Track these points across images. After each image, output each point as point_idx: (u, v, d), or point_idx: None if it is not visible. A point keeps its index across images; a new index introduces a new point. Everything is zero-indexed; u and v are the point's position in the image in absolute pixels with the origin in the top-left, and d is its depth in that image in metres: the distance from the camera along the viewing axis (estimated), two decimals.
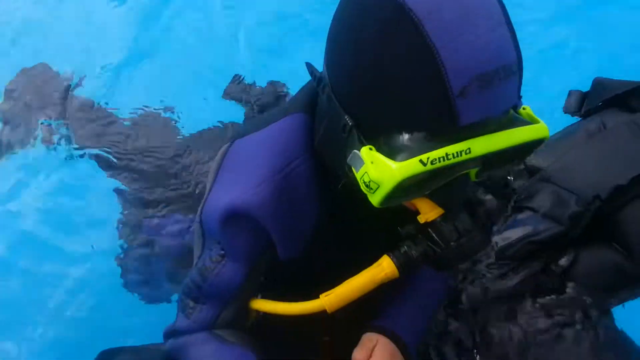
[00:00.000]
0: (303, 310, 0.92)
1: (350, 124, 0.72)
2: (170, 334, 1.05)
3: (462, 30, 0.64)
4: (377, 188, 0.70)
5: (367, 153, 0.70)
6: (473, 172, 0.74)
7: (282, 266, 0.98)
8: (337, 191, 0.85)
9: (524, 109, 0.75)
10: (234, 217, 0.88)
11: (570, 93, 1.41)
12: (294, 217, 0.90)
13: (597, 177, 1.19)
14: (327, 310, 0.89)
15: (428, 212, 0.81)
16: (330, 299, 0.88)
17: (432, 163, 0.66)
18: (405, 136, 0.69)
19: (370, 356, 0.98)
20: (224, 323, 1.00)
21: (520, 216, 1.25)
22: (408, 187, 0.73)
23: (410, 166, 0.67)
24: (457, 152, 0.66)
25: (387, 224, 0.86)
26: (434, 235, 0.82)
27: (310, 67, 0.83)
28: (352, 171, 0.74)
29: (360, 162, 0.71)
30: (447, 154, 0.66)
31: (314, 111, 0.88)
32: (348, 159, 0.74)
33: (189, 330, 1.01)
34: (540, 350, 1.14)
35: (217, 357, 0.97)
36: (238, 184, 0.88)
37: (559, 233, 1.17)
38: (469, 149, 0.67)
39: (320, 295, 0.89)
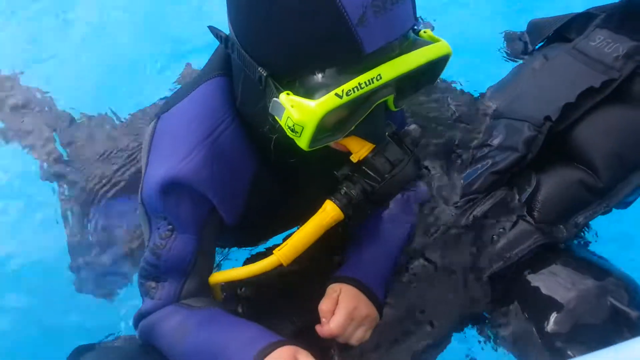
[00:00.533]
0: (261, 269, 0.92)
1: (264, 74, 0.74)
2: (139, 318, 1.02)
3: None
4: (302, 130, 0.72)
5: (286, 98, 0.72)
6: (390, 100, 0.78)
7: (230, 228, 0.98)
8: (267, 145, 0.86)
9: (425, 32, 0.80)
10: (171, 187, 0.89)
11: (508, 35, 1.45)
12: (229, 178, 0.91)
13: (546, 101, 1.20)
14: (283, 264, 0.89)
15: (359, 150, 0.85)
16: (283, 252, 0.89)
17: (347, 94, 0.69)
18: (318, 75, 0.72)
19: (337, 304, 0.97)
20: (189, 294, 0.99)
21: (479, 154, 1.25)
22: (332, 125, 0.77)
23: (328, 101, 0.69)
24: (369, 80, 0.69)
25: (323, 169, 0.89)
26: (368, 171, 0.86)
27: (214, 29, 0.85)
28: (276, 120, 0.77)
29: (281, 108, 0.73)
30: (359, 84, 0.69)
31: (231, 72, 0.90)
32: (270, 109, 0.76)
33: (156, 308, 0.99)
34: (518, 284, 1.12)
35: (184, 325, 0.94)
36: (170, 156, 0.90)
37: (516, 159, 1.16)
38: (379, 75, 0.70)
39: (274, 251, 0.90)
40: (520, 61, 1.43)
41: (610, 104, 1.17)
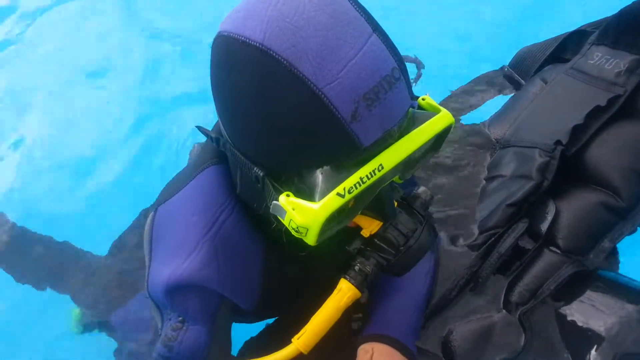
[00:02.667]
0: (280, 359, 0.87)
1: (261, 174, 0.72)
2: None
3: (332, 56, 0.64)
4: (307, 231, 0.69)
5: (286, 201, 0.69)
6: (396, 178, 0.76)
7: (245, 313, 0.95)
8: (274, 229, 0.82)
9: (423, 99, 0.77)
10: (177, 290, 0.86)
11: (487, 77, 1.46)
12: (238, 267, 0.88)
13: (553, 125, 1.17)
14: (303, 352, 0.84)
15: (369, 225, 0.82)
16: (303, 341, 0.84)
17: (349, 192, 0.66)
18: (317, 173, 0.69)
19: None
20: None
21: (491, 186, 1.21)
22: (338, 217, 0.74)
23: (330, 202, 0.66)
24: (370, 173, 0.67)
25: (336, 244, 0.84)
26: (382, 244, 0.83)
27: (202, 130, 0.84)
28: (278, 219, 0.73)
29: (283, 211, 0.70)
30: (361, 178, 0.67)
31: (226, 159, 0.86)
32: (271, 210, 0.73)
33: None
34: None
35: None
36: (172, 255, 0.86)
37: (532, 188, 1.12)
38: (381, 165, 0.67)
39: (292, 339, 0.85)
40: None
41: (619, 120, 1.14)
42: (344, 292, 0.84)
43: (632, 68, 1.15)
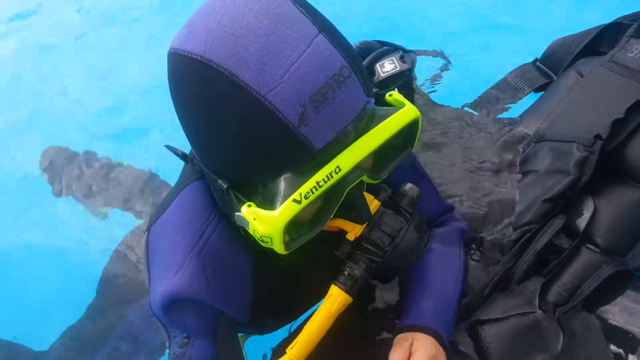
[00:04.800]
0: None
1: (225, 186, 0.72)
2: None
3: (274, 61, 0.63)
4: (271, 240, 0.69)
5: (247, 211, 0.69)
6: (365, 179, 0.74)
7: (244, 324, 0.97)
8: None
9: (390, 95, 0.76)
10: (171, 304, 0.85)
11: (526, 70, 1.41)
12: (228, 279, 0.88)
13: (592, 120, 1.13)
14: None
15: (353, 228, 0.81)
16: (296, 350, 0.83)
17: (305, 197, 0.65)
18: (279, 181, 0.68)
19: (410, 354, 0.88)
20: None
21: (525, 181, 1.17)
22: (307, 221, 0.74)
23: (287, 209, 0.66)
24: (327, 176, 0.66)
25: (326, 251, 0.84)
26: (369, 247, 0.82)
27: (171, 148, 0.85)
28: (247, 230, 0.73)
29: (245, 221, 0.70)
30: (317, 182, 0.65)
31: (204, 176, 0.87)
32: (236, 221, 0.73)
33: None
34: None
35: None
36: (164, 271, 0.87)
37: (570, 183, 1.08)
38: (338, 167, 0.66)
39: (287, 350, 0.84)
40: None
41: None
42: (335, 298, 0.83)
43: None
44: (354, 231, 0.81)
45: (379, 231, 0.81)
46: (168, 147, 0.86)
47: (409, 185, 0.85)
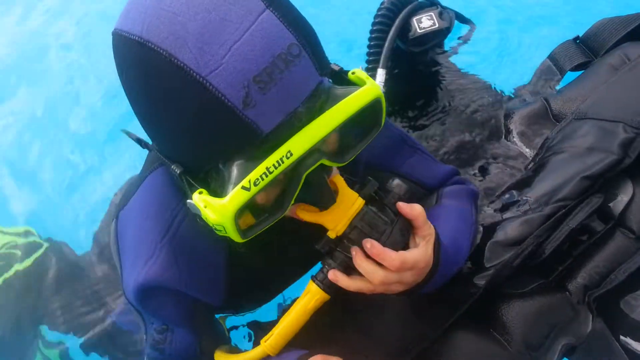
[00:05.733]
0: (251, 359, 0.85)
1: (177, 171, 0.69)
2: None
3: (215, 39, 0.59)
4: (224, 229, 0.66)
5: (199, 198, 0.66)
6: (326, 162, 0.69)
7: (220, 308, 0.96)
8: None
9: (353, 72, 0.72)
10: (145, 294, 0.84)
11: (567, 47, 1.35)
12: (201, 266, 0.86)
13: None
14: (271, 354, 0.83)
15: (334, 226, 0.76)
16: (270, 343, 0.82)
17: (255, 184, 0.62)
18: (226, 167, 0.65)
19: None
20: None
21: (559, 157, 1.10)
22: (263, 211, 0.70)
23: (236, 197, 0.63)
24: (277, 162, 0.62)
25: (301, 234, 0.80)
26: (347, 245, 0.77)
27: (127, 132, 0.83)
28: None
29: (197, 209, 0.66)
30: (267, 168, 0.62)
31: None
32: (190, 209, 0.69)
33: None
34: None
35: None
36: (135, 260, 0.85)
37: (612, 163, 1.02)
38: (289, 152, 0.63)
39: (261, 341, 0.83)
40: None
41: None
42: (312, 295, 0.80)
43: None
44: (335, 229, 0.76)
45: (360, 232, 0.75)
46: (124, 131, 0.83)
47: (396, 182, 0.79)
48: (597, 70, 1.22)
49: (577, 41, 1.37)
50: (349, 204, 0.76)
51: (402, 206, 0.77)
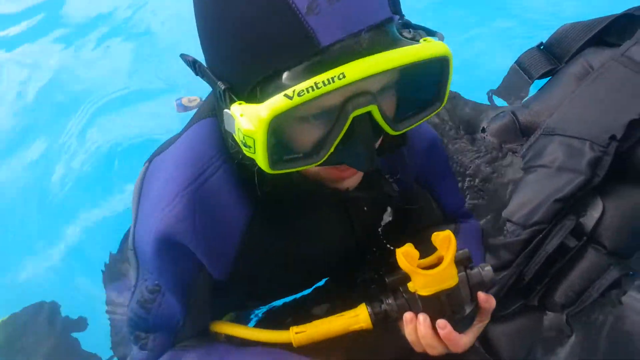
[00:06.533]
0: (268, 339, 0.88)
1: (223, 87, 0.67)
2: None
3: None
4: (254, 143, 0.62)
5: (237, 107, 0.64)
6: (377, 115, 0.65)
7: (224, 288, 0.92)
8: (264, 193, 0.78)
9: (424, 40, 0.66)
10: (162, 243, 0.81)
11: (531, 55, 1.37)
12: (216, 229, 0.82)
13: (605, 117, 1.11)
14: (294, 346, 0.85)
15: (421, 286, 0.77)
16: (299, 338, 0.84)
17: (299, 95, 0.59)
18: (276, 81, 0.62)
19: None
20: (182, 339, 0.92)
21: (532, 176, 1.15)
22: (298, 147, 0.67)
23: (275, 102, 0.59)
24: (328, 79, 0.58)
25: (327, 229, 0.84)
26: (419, 305, 0.79)
27: (184, 56, 0.78)
28: (235, 141, 0.68)
29: (232, 120, 0.64)
30: (316, 84, 0.58)
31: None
32: (225, 126, 0.68)
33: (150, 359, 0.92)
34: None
35: None
36: (155, 204, 0.82)
37: (582, 183, 1.07)
38: (342, 73, 0.58)
39: (291, 328, 0.85)
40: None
41: None
42: (358, 320, 0.83)
43: None
44: (419, 290, 0.77)
45: (439, 305, 0.78)
46: (182, 55, 0.77)
47: (487, 268, 0.80)
48: (562, 81, 1.26)
49: (541, 47, 1.40)
50: (448, 276, 0.77)
51: (483, 299, 0.80)
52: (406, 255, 0.76)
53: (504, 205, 1.16)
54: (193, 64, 0.74)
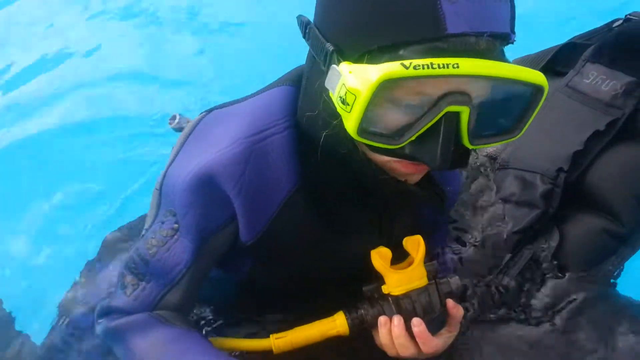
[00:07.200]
0: (250, 347, 0.92)
1: (330, 49, 0.68)
2: (105, 311, 0.92)
3: None
4: (354, 101, 0.64)
5: (346, 66, 0.65)
6: (465, 121, 0.67)
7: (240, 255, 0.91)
8: (316, 165, 0.81)
9: None
10: (203, 181, 0.81)
11: None
12: (261, 187, 0.83)
13: (553, 149, 1.18)
14: (273, 352, 0.89)
15: (394, 286, 0.84)
16: (278, 343, 0.89)
17: (415, 68, 0.60)
18: (391, 51, 0.64)
19: None
20: (166, 307, 0.90)
21: (491, 209, 1.21)
22: (389, 105, 0.67)
23: (391, 67, 0.61)
24: (444, 64, 0.61)
25: (369, 223, 0.87)
26: (392, 305, 0.85)
27: (300, 17, 0.78)
28: (328, 103, 0.70)
29: (338, 77, 0.66)
30: (432, 63, 0.61)
31: (300, 85, 0.83)
32: (325, 82, 0.69)
33: (127, 309, 0.90)
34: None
35: (170, 346, 0.86)
36: (212, 146, 0.82)
37: (537, 215, 1.14)
38: (457, 64, 0.61)
39: (271, 335, 0.90)
40: None
41: (617, 143, 1.15)
42: (336, 326, 0.88)
43: (629, 90, 1.15)
44: (391, 289, 0.84)
45: (412, 305, 0.84)
46: (299, 16, 0.78)
47: (454, 279, 0.88)
48: None
49: None
50: (418, 275, 0.85)
51: (451, 305, 0.87)
52: (380, 255, 0.85)
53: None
54: (305, 25, 0.75)
